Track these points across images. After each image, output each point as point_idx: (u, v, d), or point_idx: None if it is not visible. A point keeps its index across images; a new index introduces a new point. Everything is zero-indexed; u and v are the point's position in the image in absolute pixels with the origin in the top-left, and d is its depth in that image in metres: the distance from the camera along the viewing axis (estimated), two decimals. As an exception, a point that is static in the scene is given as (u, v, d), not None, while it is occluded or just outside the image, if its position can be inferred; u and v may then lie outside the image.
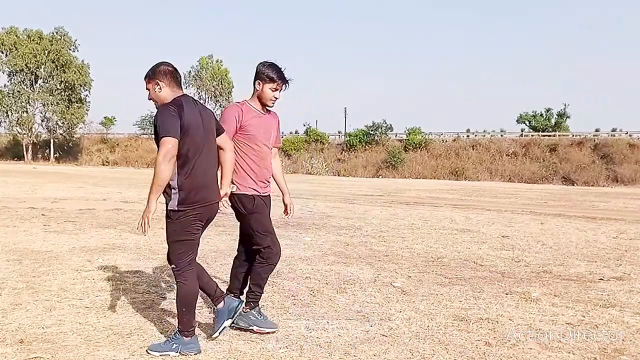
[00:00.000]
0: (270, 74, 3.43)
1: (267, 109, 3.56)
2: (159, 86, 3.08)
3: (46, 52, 43.06)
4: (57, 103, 43.95)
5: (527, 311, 4.11)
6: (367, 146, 40.84)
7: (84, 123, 47.09)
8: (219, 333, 3.28)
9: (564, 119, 42.16)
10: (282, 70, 3.49)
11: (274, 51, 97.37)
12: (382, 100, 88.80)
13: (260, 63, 3.49)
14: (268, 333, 3.42)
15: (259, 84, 3.46)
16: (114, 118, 52.10)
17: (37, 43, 43.21)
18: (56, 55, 43.37)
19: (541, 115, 43.00)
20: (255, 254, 3.54)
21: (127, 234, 7.51)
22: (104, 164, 44.13)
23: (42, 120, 45.94)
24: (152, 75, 3.10)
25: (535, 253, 6.74)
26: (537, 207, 13.82)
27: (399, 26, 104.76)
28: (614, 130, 38.95)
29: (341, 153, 41.55)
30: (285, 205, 3.82)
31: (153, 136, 3.13)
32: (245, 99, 3.57)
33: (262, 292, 3.62)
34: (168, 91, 3.09)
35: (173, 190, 3.06)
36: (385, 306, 4.19)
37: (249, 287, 3.59)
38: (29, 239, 6.81)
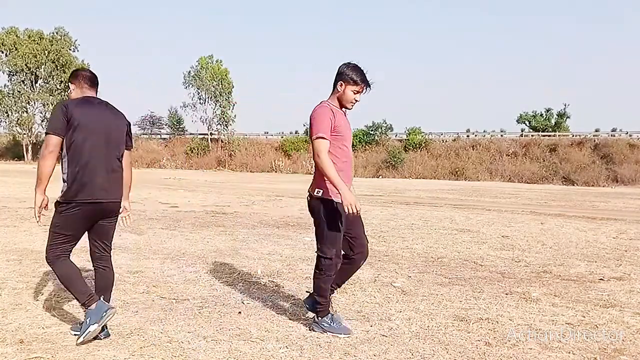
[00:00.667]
0: (354, 76, 3.35)
1: (343, 111, 3.48)
2: (69, 89, 3.40)
3: (46, 52, 43.04)
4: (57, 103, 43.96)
5: (527, 311, 4.11)
6: (367, 146, 40.82)
7: (84, 123, 47.04)
8: (84, 338, 3.10)
9: (564, 119, 42.13)
10: (365, 73, 3.40)
11: (274, 51, 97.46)
12: (382, 100, 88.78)
13: (344, 64, 3.40)
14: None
15: (342, 85, 3.38)
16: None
17: (37, 43, 43.18)
18: (56, 55, 43.35)
19: (541, 115, 42.96)
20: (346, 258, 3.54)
21: (127, 234, 7.51)
22: (104, 164, 44.10)
23: (42, 121, 45.87)
24: (68, 79, 3.46)
25: (536, 253, 6.74)
26: (537, 207, 13.82)
27: (399, 26, 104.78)
28: (614, 130, 38.93)
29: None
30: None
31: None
32: (324, 100, 3.46)
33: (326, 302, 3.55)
34: (78, 92, 3.35)
35: (64, 183, 3.23)
36: (385, 306, 4.19)
37: (313, 297, 3.58)
38: (29, 239, 6.81)
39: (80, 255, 5.88)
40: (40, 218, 3.33)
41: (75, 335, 3.26)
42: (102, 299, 3.30)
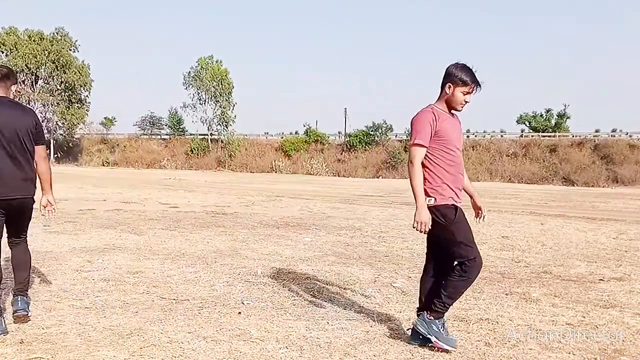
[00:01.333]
0: (463, 76, 3.24)
1: (452, 113, 3.38)
2: None
3: (46, 52, 43.03)
4: (58, 103, 43.95)
5: (527, 311, 4.11)
6: (367, 147, 40.83)
7: (84, 123, 47.08)
8: None
9: (564, 119, 42.13)
10: (474, 72, 3.30)
11: (274, 51, 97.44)
12: (382, 100, 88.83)
13: (452, 65, 3.29)
14: (445, 350, 3.17)
15: (450, 87, 3.27)
16: (114, 118, 52.15)
17: (37, 43, 43.19)
18: (56, 55, 43.35)
19: (541, 115, 42.99)
20: (448, 268, 3.33)
21: (127, 234, 7.51)
22: (104, 165, 44.15)
23: (42, 121, 45.83)
24: None
25: (536, 254, 6.74)
26: (537, 208, 13.82)
27: (399, 26, 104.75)
28: (614, 130, 38.94)
29: (341, 153, 41.54)
30: (479, 208, 3.67)
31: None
32: (431, 103, 3.34)
33: (450, 307, 3.36)
34: None
35: None
36: (385, 306, 4.19)
37: (441, 296, 3.29)
38: (29, 239, 6.79)
39: (81, 255, 5.88)
40: None
41: None
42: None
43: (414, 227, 3.27)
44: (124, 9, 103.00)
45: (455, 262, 3.29)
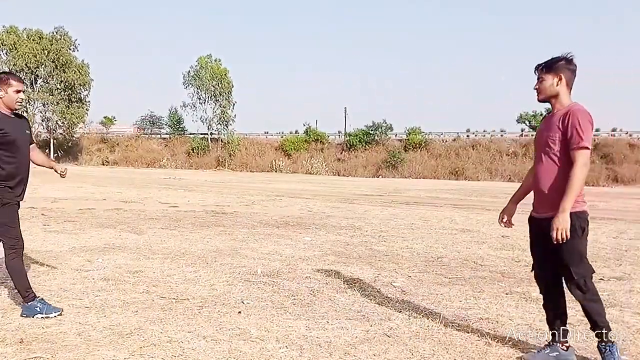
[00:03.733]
0: (575, 69, 3.02)
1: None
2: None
3: (46, 51, 42.99)
4: (57, 103, 43.91)
5: (527, 311, 4.11)
6: (367, 146, 40.83)
7: (83, 123, 47.05)
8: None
9: (564, 119, 42.08)
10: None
11: (273, 51, 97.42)
12: (382, 100, 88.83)
13: (564, 57, 3.00)
14: None
15: (567, 83, 3.02)
16: (114, 118, 52.13)
17: (37, 43, 43.15)
18: (56, 55, 43.31)
19: (541, 115, 42.94)
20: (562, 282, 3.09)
21: (127, 234, 7.51)
22: (103, 164, 44.13)
23: (42, 120, 45.86)
24: None
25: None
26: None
27: (399, 26, 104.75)
28: (614, 130, 38.95)
29: (341, 153, 41.54)
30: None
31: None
32: (572, 101, 3.03)
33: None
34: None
35: None
36: (385, 306, 4.18)
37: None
38: (29, 239, 6.80)
39: (81, 255, 5.88)
40: None
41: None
42: None
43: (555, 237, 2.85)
44: (124, 8, 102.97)
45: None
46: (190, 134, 46.66)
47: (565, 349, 3.10)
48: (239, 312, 3.91)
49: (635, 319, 3.95)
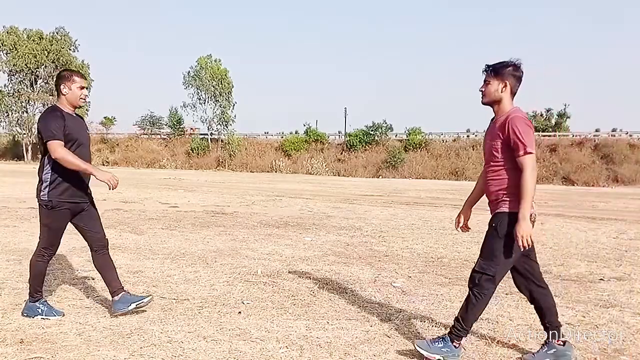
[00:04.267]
0: (521, 76, 3.06)
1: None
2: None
3: (46, 52, 43.04)
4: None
5: (527, 311, 4.11)
6: (367, 146, 40.82)
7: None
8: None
9: (564, 119, 42.13)
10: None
11: (273, 51, 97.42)
12: (382, 100, 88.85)
13: (512, 63, 3.03)
14: None
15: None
16: (114, 118, 52.14)
17: (37, 43, 43.19)
18: (56, 55, 43.35)
19: (541, 115, 42.98)
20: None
21: (127, 233, 7.51)
22: (103, 164, 44.10)
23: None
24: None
25: (535, 253, 6.72)
26: (537, 207, 13.79)
27: (400, 26, 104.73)
28: (614, 130, 38.95)
29: (341, 153, 41.53)
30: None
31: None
32: (513, 107, 3.07)
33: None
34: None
35: None
36: (385, 306, 4.19)
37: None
38: (29, 239, 6.80)
39: (81, 255, 5.88)
40: None
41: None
42: None
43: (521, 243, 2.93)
44: (124, 8, 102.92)
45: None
46: (190, 134, 46.65)
47: (561, 343, 3.10)
48: (239, 312, 3.92)
49: (635, 319, 3.95)
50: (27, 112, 44.82)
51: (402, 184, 27.51)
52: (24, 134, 44.84)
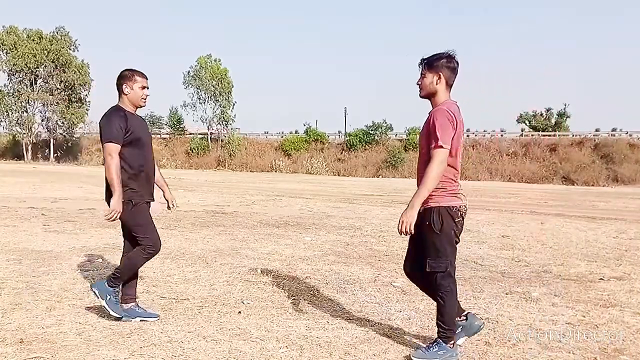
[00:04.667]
0: (455, 67, 3.09)
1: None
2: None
3: (46, 51, 42.98)
4: (57, 103, 43.90)
5: (527, 311, 4.11)
6: (367, 146, 40.81)
7: (84, 123, 47.02)
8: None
9: (564, 118, 42.11)
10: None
11: (273, 50, 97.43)
12: (382, 100, 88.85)
13: (445, 55, 3.05)
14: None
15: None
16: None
17: (37, 43, 43.13)
18: (56, 55, 43.29)
19: (541, 115, 42.97)
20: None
21: (127, 233, 7.50)
22: (104, 164, 44.03)
23: (42, 120, 45.86)
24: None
25: (535, 253, 6.73)
26: (537, 207, 13.81)
27: (399, 26, 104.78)
28: (614, 130, 38.92)
29: (341, 153, 41.52)
30: None
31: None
32: (448, 99, 3.12)
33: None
34: None
35: None
36: (385, 306, 4.18)
37: None
38: (29, 238, 6.81)
39: (81, 255, 5.88)
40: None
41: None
42: None
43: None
44: (125, 8, 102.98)
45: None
46: (190, 134, 46.64)
47: (451, 345, 3.07)
48: (239, 312, 3.92)
49: (636, 319, 3.95)
50: (27, 111, 44.78)
51: (402, 183, 27.50)
52: (24, 133, 44.79)
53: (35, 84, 44.44)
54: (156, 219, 3.75)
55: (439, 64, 3.02)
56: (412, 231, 2.96)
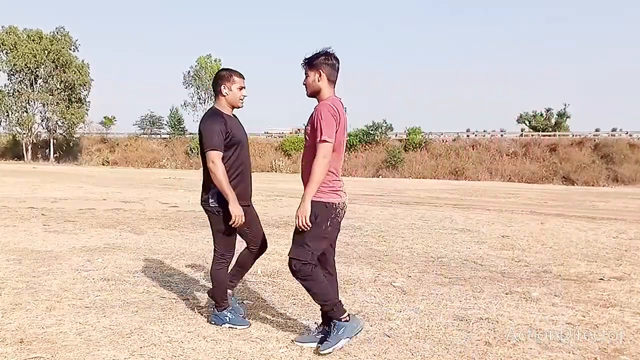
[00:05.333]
0: (335, 63, 3.18)
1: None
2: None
3: (46, 52, 42.99)
4: (57, 103, 43.91)
5: (527, 311, 4.11)
6: (367, 146, 40.79)
7: (84, 123, 47.05)
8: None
9: (564, 119, 42.10)
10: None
11: (273, 50, 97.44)
12: (382, 100, 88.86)
13: (323, 52, 3.14)
14: None
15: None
16: (114, 118, 52.10)
17: (37, 43, 43.14)
18: (56, 55, 43.30)
19: (541, 115, 42.95)
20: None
21: (127, 233, 7.51)
22: (103, 164, 44.11)
23: (42, 120, 45.87)
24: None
25: (535, 253, 6.73)
26: (537, 207, 13.81)
27: (399, 26, 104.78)
28: (614, 130, 38.92)
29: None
30: None
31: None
32: (332, 96, 3.23)
33: None
34: None
35: None
36: (385, 306, 4.18)
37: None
38: (29, 239, 6.81)
39: (81, 255, 5.88)
40: None
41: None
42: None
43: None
44: (125, 8, 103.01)
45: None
46: (190, 134, 46.63)
47: (346, 319, 3.20)
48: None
49: (635, 319, 3.95)
50: (27, 112, 44.79)
51: (402, 183, 27.50)
52: (24, 133, 44.80)
53: (35, 84, 44.45)
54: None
55: (318, 62, 3.11)
56: (309, 224, 3.04)
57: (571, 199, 17.69)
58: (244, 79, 3.59)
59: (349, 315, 3.22)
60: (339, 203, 3.15)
